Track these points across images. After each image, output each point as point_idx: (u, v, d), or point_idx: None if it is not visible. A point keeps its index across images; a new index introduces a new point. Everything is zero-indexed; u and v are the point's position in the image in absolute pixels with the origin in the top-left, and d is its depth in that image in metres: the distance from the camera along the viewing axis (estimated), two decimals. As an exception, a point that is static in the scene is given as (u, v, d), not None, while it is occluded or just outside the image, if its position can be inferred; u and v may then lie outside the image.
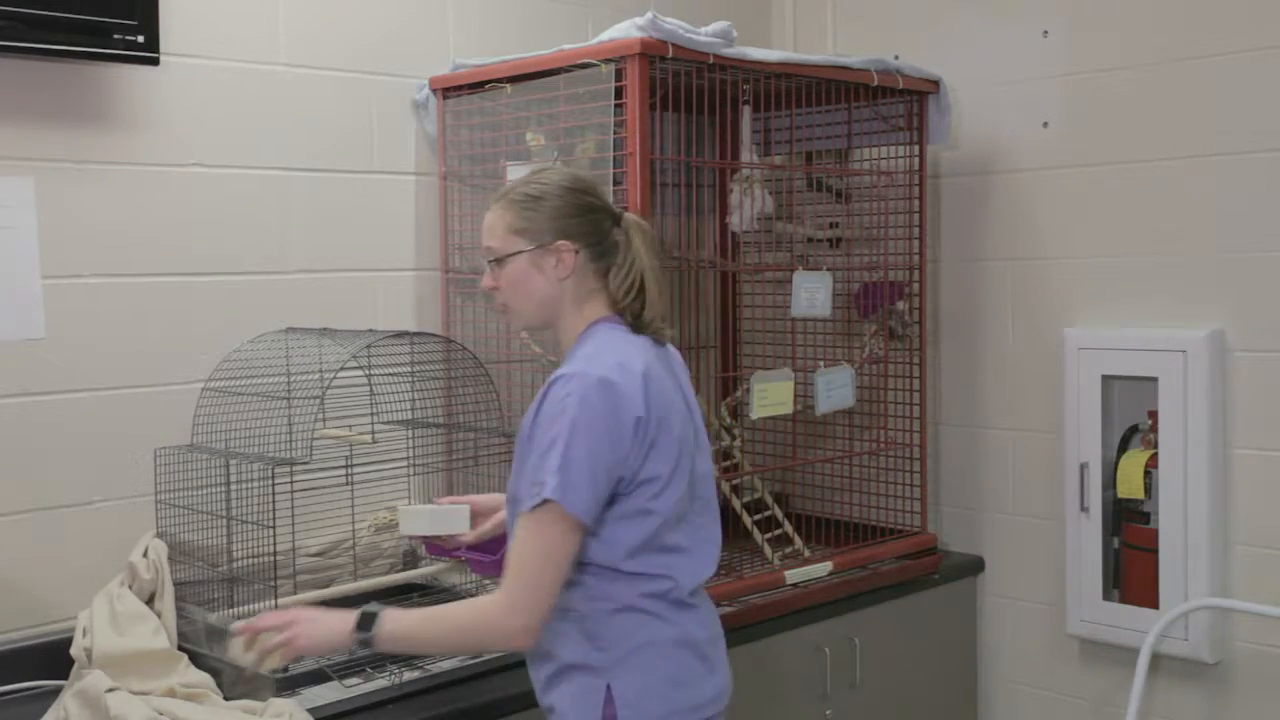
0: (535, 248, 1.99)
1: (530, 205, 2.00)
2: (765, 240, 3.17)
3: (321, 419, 2.37)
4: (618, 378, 1.87)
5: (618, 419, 1.86)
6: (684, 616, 1.97)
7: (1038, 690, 3.28)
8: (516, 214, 2.00)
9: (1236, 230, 2.88)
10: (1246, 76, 2.84)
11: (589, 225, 2.00)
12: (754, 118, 2.98)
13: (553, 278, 1.99)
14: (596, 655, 1.92)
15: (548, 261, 1.99)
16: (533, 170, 2.08)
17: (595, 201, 2.02)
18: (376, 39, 2.87)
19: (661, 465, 1.92)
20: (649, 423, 1.89)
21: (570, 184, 2.02)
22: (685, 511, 1.99)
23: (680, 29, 2.54)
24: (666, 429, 1.93)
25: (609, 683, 1.91)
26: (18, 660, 2.31)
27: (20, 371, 2.38)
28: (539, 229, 1.99)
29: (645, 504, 1.91)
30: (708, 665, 2.01)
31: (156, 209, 2.54)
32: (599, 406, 1.85)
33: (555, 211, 1.99)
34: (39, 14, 2.24)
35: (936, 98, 3.14)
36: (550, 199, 1.99)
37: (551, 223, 1.98)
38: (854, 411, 3.12)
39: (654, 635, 1.94)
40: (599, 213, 2.02)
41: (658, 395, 1.92)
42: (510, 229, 2.01)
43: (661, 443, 1.91)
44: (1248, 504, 2.90)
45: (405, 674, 2.25)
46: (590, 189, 2.04)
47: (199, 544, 2.39)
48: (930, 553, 3.18)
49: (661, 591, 1.94)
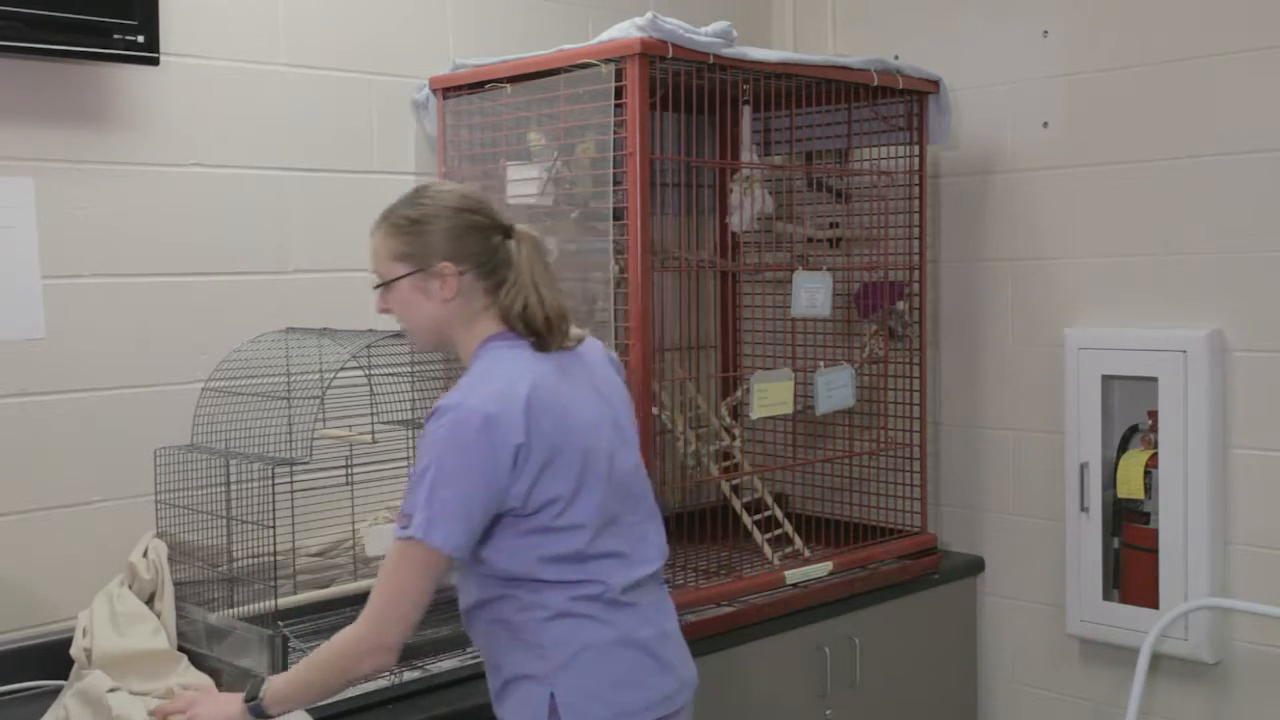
0: (417, 271, 1.96)
1: (411, 229, 1.96)
2: (765, 240, 3.17)
3: (321, 419, 2.37)
4: (495, 408, 1.84)
5: (494, 452, 1.83)
6: (622, 616, 1.95)
7: (1038, 690, 3.28)
8: (398, 238, 1.97)
9: (1236, 230, 2.88)
10: (1246, 76, 2.84)
11: (474, 245, 1.96)
12: (754, 118, 2.98)
13: (438, 300, 1.96)
14: (538, 664, 1.91)
15: (432, 285, 1.96)
16: (416, 189, 2.03)
17: (481, 220, 1.98)
18: (376, 39, 2.87)
19: (559, 485, 1.89)
20: (531, 448, 1.85)
21: (455, 204, 1.97)
22: (616, 513, 1.97)
23: (680, 29, 2.54)
24: (561, 448, 1.89)
25: (551, 690, 1.90)
26: (18, 660, 2.31)
27: (20, 371, 2.38)
28: (421, 253, 1.95)
29: (554, 522, 1.89)
30: (658, 663, 1.98)
31: (156, 209, 2.54)
32: (473, 441, 1.82)
33: (438, 234, 1.95)
34: (39, 14, 2.24)
35: (936, 98, 3.14)
36: (432, 221, 1.96)
37: (434, 245, 1.95)
38: (854, 411, 3.12)
39: (592, 638, 1.92)
40: (486, 230, 1.98)
41: (546, 415, 1.88)
42: (391, 254, 1.98)
43: (557, 463, 1.88)
44: (1248, 504, 2.90)
45: (405, 674, 2.25)
46: (476, 206, 1.99)
47: (199, 544, 2.39)
48: (930, 553, 3.18)
49: (593, 594, 1.92)
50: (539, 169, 2.69)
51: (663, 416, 2.92)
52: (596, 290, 2.67)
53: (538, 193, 2.69)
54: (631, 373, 2.54)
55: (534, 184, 2.69)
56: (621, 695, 1.93)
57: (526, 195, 2.71)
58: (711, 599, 2.69)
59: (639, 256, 2.50)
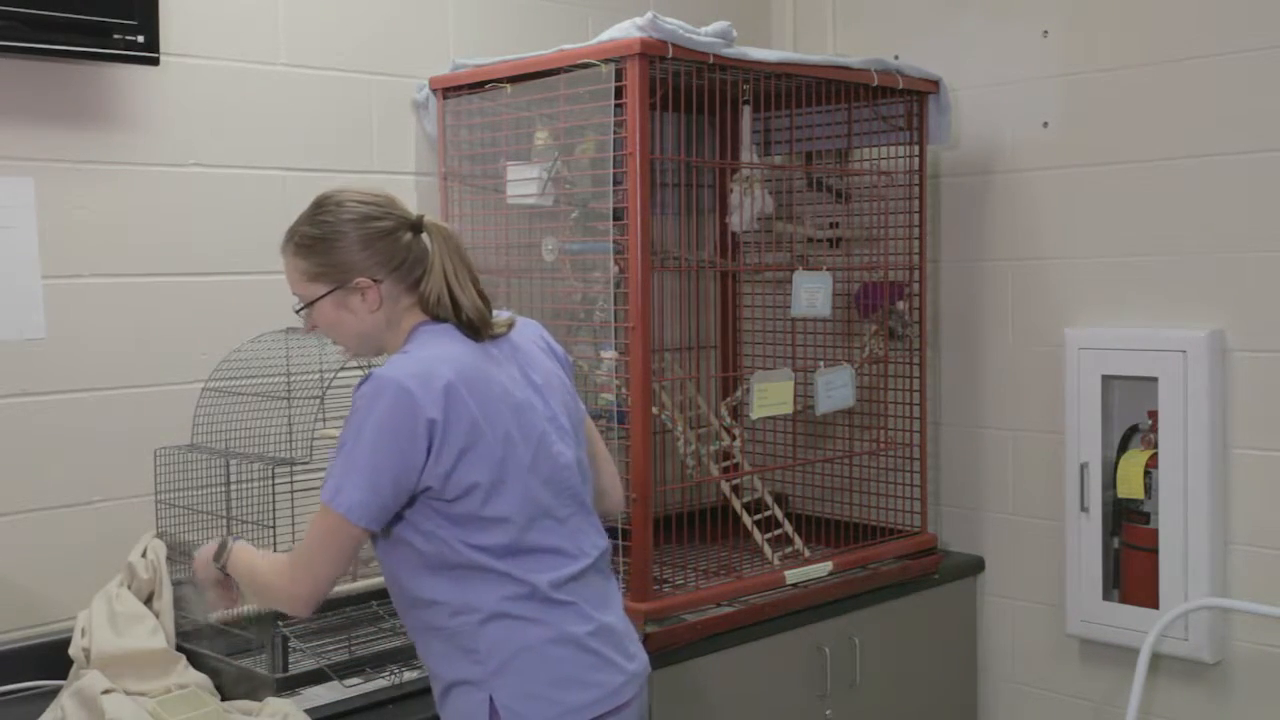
0: (335, 289, 1.94)
1: (319, 248, 1.94)
2: (765, 240, 3.17)
3: (321, 419, 2.37)
4: (413, 385, 1.83)
5: (408, 427, 1.82)
6: (557, 614, 1.93)
7: (1038, 690, 3.28)
8: (307, 259, 1.95)
9: (1236, 230, 2.88)
10: (1246, 76, 2.84)
11: (385, 252, 1.94)
12: (754, 118, 2.98)
13: (363, 313, 1.95)
14: (475, 669, 1.90)
15: (353, 300, 1.95)
16: (316, 200, 1.99)
17: (387, 223, 1.95)
18: (376, 39, 2.87)
19: (478, 472, 1.87)
20: (447, 428, 1.84)
21: (358, 212, 1.94)
22: (547, 507, 1.95)
23: (680, 29, 2.54)
24: (482, 434, 1.87)
25: (490, 694, 1.88)
26: (18, 660, 2.32)
27: (20, 371, 2.38)
28: (334, 269, 1.94)
29: (479, 510, 1.88)
30: (598, 658, 1.96)
31: (156, 209, 2.54)
32: (388, 414, 1.82)
33: (346, 248, 1.93)
34: (39, 14, 2.24)
35: (936, 98, 3.14)
36: (338, 237, 1.93)
37: (346, 260, 1.93)
38: (854, 411, 3.12)
39: (527, 638, 1.90)
40: (394, 233, 1.94)
41: (468, 399, 1.86)
42: (305, 276, 1.96)
43: (478, 449, 1.86)
44: (1248, 504, 2.90)
45: (405, 674, 2.26)
46: (378, 211, 1.95)
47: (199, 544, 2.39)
48: (930, 553, 3.18)
49: (524, 594, 1.91)
50: (539, 169, 2.69)
51: (663, 416, 2.92)
52: (596, 290, 2.67)
53: (538, 193, 2.69)
54: (632, 373, 2.54)
55: (534, 184, 2.69)
56: (562, 694, 1.91)
57: (526, 195, 2.71)
58: (711, 599, 2.68)
59: (639, 256, 2.50)
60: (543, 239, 2.75)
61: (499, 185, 2.81)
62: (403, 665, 2.27)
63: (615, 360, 2.58)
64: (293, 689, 2.21)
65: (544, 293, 2.84)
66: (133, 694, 2.11)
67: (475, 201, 2.92)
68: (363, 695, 2.21)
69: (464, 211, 2.92)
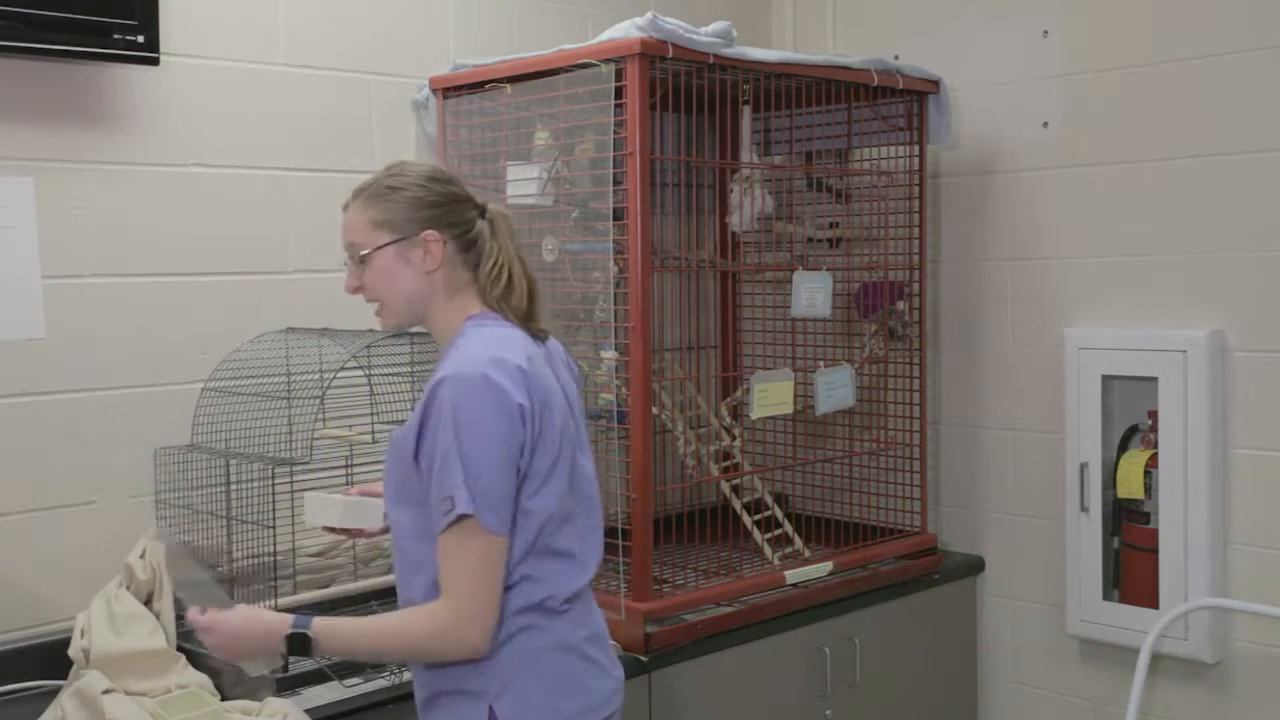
0: (400, 239, 1.93)
1: (392, 197, 1.93)
2: (765, 240, 3.17)
3: (321, 419, 2.37)
4: (495, 372, 1.81)
5: (506, 412, 1.80)
6: (555, 621, 1.91)
7: (1038, 690, 3.28)
8: (378, 207, 1.94)
9: (1236, 230, 2.88)
10: (1246, 76, 2.84)
11: (454, 214, 1.94)
12: (754, 118, 2.98)
13: (421, 270, 1.93)
14: (475, 680, 1.86)
15: (415, 254, 1.93)
16: (389, 165, 2.00)
17: (458, 191, 1.96)
18: (376, 39, 2.87)
19: (544, 459, 1.87)
20: (532, 412, 1.84)
21: (431, 174, 1.96)
22: (572, 511, 1.94)
23: (680, 29, 2.54)
24: (549, 420, 1.87)
25: (490, 704, 1.86)
26: (18, 660, 2.31)
27: (20, 371, 2.38)
28: (403, 220, 1.92)
29: (525, 502, 1.85)
30: (593, 665, 1.95)
31: (156, 209, 2.54)
32: (484, 405, 1.79)
33: (417, 202, 1.93)
34: (39, 14, 2.24)
35: (936, 98, 3.14)
36: (411, 189, 1.93)
37: (415, 213, 1.92)
38: (854, 411, 3.12)
39: (531, 647, 1.88)
40: (462, 202, 1.96)
41: (538, 385, 1.87)
42: (373, 223, 1.94)
43: (545, 435, 1.86)
44: (1248, 504, 2.90)
45: (405, 674, 2.25)
46: (451, 179, 1.98)
47: (199, 544, 2.39)
48: (930, 553, 3.18)
49: (533, 603, 1.88)
50: (539, 169, 2.69)
51: (663, 416, 2.92)
52: (596, 290, 2.67)
53: (538, 193, 2.69)
54: (632, 373, 2.54)
55: (534, 184, 2.69)
56: (563, 703, 1.90)
57: (526, 195, 2.71)
58: (711, 599, 2.69)
59: (639, 256, 2.50)
60: (543, 239, 2.75)
61: (499, 185, 2.80)
62: (402, 665, 2.27)
63: (615, 360, 2.58)
64: (293, 689, 2.21)
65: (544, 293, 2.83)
66: (133, 694, 2.11)
67: (475, 201, 2.91)
68: (363, 695, 2.21)
69: (464, 211, 2.92)
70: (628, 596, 2.54)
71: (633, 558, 2.54)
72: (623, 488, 2.58)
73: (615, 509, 2.59)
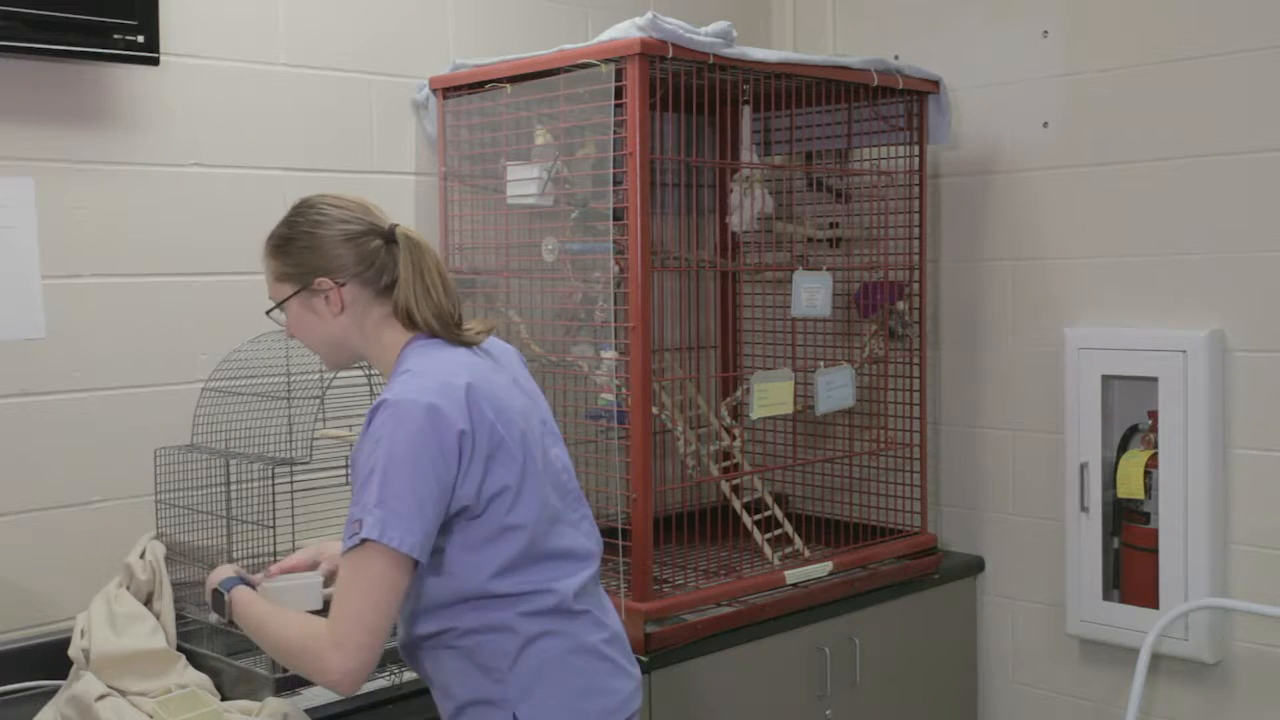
0: (300, 290, 1.94)
1: (287, 248, 1.95)
2: (765, 240, 3.17)
3: (321, 419, 2.37)
4: (436, 398, 1.79)
5: (441, 441, 1.78)
6: (575, 624, 1.91)
7: (1038, 690, 3.28)
8: (278, 259, 1.96)
9: (1236, 230, 2.88)
10: (1246, 76, 2.84)
11: (350, 254, 1.92)
12: (754, 118, 2.99)
13: (328, 316, 1.93)
14: (495, 688, 1.86)
15: (316, 302, 1.93)
16: (293, 206, 1.99)
17: (356, 227, 1.93)
18: (376, 39, 2.87)
19: (507, 472, 1.85)
20: (475, 437, 1.81)
21: (324, 217, 1.94)
22: (557, 510, 1.94)
23: (680, 29, 2.54)
24: (503, 437, 1.85)
25: (514, 711, 1.86)
26: (18, 660, 2.32)
27: (20, 371, 2.38)
28: (299, 270, 1.93)
29: (504, 519, 1.85)
30: (612, 665, 1.95)
31: (156, 209, 2.54)
32: (419, 433, 1.76)
33: (311, 249, 1.92)
34: (39, 14, 2.24)
35: (936, 98, 3.14)
36: (304, 237, 1.93)
37: (309, 261, 1.92)
38: (854, 411, 3.12)
39: (550, 652, 1.88)
40: (364, 236, 1.93)
41: (487, 403, 1.84)
42: (276, 276, 1.97)
43: (500, 453, 1.84)
44: (1248, 504, 2.90)
45: (405, 674, 2.25)
46: (348, 215, 1.94)
47: (199, 544, 2.39)
48: (930, 553, 3.18)
49: (548, 606, 1.88)
50: (539, 169, 2.69)
51: (663, 416, 2.93)
52: (596, 290, 2.67)
53: (538, 193, 2.69)
54: (632, 373, 2.54)
55: (534, 184, 2.69)
56: (585, 705, 1.90)
57: (526, 195, 2.71)
58: (711, 599, 2.69)
59: (639, 256, 2.50)
60: (543, 239, 2.76)
61: (499, 185, 2.81)
62: (402, 665, 2.26)
63: (615, 360, 2.58)
64: (293, 689, 2.21)
65: (544, 293, 2.84)
66: (133, 694, 2.11)
67: (475, 201, 2.92)
68: (363, 695, 2.20)
69: (464, 211, 2.92)
70: (628, 596, 2.54)
71: (633, 558, 2.54)
72: (623, 488, 2.58)
73: (615, 509, 2.59)
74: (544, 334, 2.82)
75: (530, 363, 2.78)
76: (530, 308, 2.86)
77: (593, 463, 2.70)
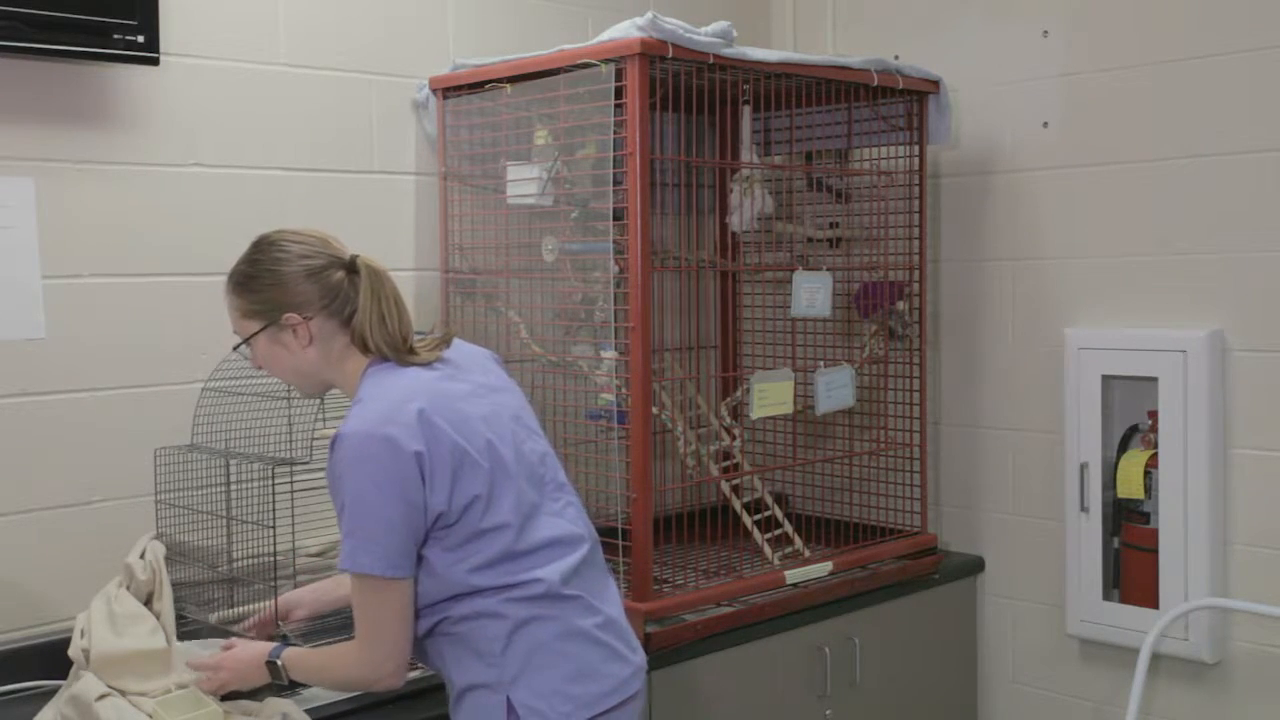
0: (268, 326, 1.98)
1: (251, 285, 1.98)
2: (765, 240, 3.17)
3: (321, 419, 2.37)
4: (390, 430, 1.85)
5: (400, 466, 1.85)
6: (566, 608, 1.96)
7: (1038, 690, 3.28)
8: (243, 297, 2.00)
9: (1236, 230, 2.88)
10: (1246, 76, 2.84)
11: (316, 288, 1.97)
12: (754, 118, 2.98)
13: (296, 349, 1.99)
14: (490, 672, 1.92)
15: (285, 336, 1.98)
16: (253, 243, 2.03)
17: (317, 261, 1.97)
18: (376, 39, 2.87)
19: (475, 484, 1.90)
20: (433, 455, 1.87)
21: (289, 252, 1.98)
22: (535, 503, 1.98)
23: (680, 29, 2.54)
24: (465, 450, 1.90)
25: (508, 695, 1.91)
26: (18, 660, 2.32)
27: (20, 371, 2.38)
28: (266, 307, 1.97)
29: (480, 523, 1.91)
30: (607, 650, 1.99)
31: (156, 209, 2.54)
32: (375, 462, 1.84)
33: (276, 286, 1.96)
34: (39, 14, 2.24)
35: (936, 98, 3.14)
36: (268, 275, 1.97)
37: (275, 297, 1.96)
38: (854, 411, 3.12)
39: (540, 636, 1.93)
40: (325, 270, 1.97)
41: (443, 419, 1.90)
42: (242, 313, 2.01)
43: (466, 465, 1.90)
44: (1248, 504, 2.90)
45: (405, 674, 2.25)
46: (309, 250, 1.98)
47: (199, 544, 2.39)
48: (930, 553, 3.18)
49: (536, 594, 1.93)
50: (539, 169, 2.69)
51: (663, 416, 2.93)
52: (596, 290, 2.67)
53: (538, 193, 2.69)
54: (632, 373, 2.54)
55: (534, 184, 2.69)
56: (579, 689, 1.94)
57: (526, 195, 2.71)
58: (711, 599, 2.68)
59: (639, 256, 2.50)
60: (543, 239, 2.75)
61: (499, 185, 2.81)
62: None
63: (615, 360, 2.58)
64: (292, 689, 2.21)
65: (544, 293, 2.84)
66: (133, 694, 2.11)
67: (475, 201, 2.92)
68: (362, 695, 2.20)
69: (464, 211, 2.92)
70: (628, 596, 2.54)
71: (633, 558, 2.54)
72: (623, 488, 2.58)
73: (615, 509, 2.59)
74: (544, 334, 2.82)
75: (530, 363, 2.79)
76: (530, 308, 2.86)
77: (593, 463, 2.70)
